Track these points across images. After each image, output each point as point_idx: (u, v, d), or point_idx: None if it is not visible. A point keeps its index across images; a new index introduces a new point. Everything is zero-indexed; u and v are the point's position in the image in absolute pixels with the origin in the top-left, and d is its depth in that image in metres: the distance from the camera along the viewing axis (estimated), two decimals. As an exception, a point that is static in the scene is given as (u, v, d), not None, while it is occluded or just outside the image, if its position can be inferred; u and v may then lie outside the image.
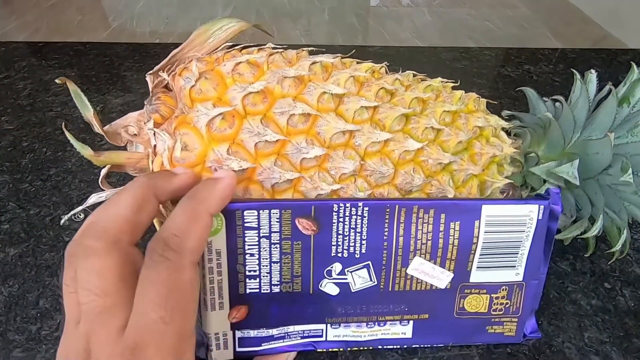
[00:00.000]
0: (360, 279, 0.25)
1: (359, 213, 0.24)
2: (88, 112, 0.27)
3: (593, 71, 0.32)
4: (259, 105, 0.25)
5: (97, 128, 0.28)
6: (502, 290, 0.27)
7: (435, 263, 0.25)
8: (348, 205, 0.24)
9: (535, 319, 0.28)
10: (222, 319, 0.25)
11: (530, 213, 0.25)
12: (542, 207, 0.25)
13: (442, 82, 0.30)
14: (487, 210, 0.25)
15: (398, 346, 0.28)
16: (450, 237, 0.25)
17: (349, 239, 0.25)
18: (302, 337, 0.27)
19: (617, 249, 0.29)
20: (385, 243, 0.25)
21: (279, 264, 0.25)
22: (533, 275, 0.27)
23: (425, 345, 0.28)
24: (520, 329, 0.28)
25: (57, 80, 0.25)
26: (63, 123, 0.31)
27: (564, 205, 0.31)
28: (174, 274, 0.19)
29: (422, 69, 0.33)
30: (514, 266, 0.26)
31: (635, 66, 0.30)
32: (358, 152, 0.25)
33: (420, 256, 0.25)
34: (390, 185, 0.26)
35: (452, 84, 0.31)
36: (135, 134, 0.28)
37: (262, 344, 0.26)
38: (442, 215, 0.25)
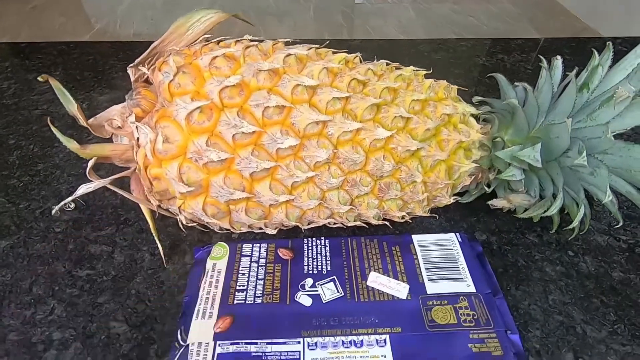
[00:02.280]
0: (329, 291, 0.29)
1: (323, 244, 0.33)
2: (72, 106, 0.28)
3: (559, 57, 0.33)
4: (236, 98, 0.26)
5: (82, 121, 0.29)
6: (462, 300, 0.29)
7: (389, 276, 0.30)
8: (314, 239, 0.33)
9: (522, 344, 0.28)
10: (207, 328, 0.27)
11: (450, 238, 0.33)
12: (457, 234, 0.33)
13: (413, 70, 0.32)
14: (417, 238, 0.33)
15: None
16: (394, 255, 0.32)
17: (317, 260, 0.31)
18: None
19: (576, 224, 0.31)
20: (345, 263, 0.31)
21: (263, 280, 0.30)
22: (485, 288, 0.30)
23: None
24: (507, 348, 0.27)
25: (39, 78, 0.26)
26: (49, 118, 0.32)
27: (529, 186, 0.33)
28: None
29: (401, 61, 0.34)
30: (462, 278, 0.30)
31: (596, 53, 0.31)
32: (331, 141, 0.27)
33: (374, 271, 0.30)
34: (363, 172, 0.28)
35: (425, 72, 0.32)
36: (119, 127, 0.29)
37: None
38: (384, 243, 0.33)
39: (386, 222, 0.33)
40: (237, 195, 0.26)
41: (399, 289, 0.29)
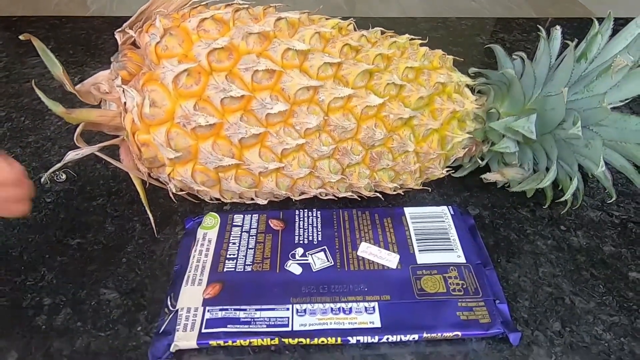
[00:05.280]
0: (319, 260, 0.30)
1: (314, 215, 0.33)
2: (57, 70, 0.27)
3: (558, 27, 0.33)
4: (224, 62, 0.25)
5: (68, 87, 0.28)
6: (452, 270, 0.29)
7: (380, 247, 0.30)
8: (306, 211, 0.33)
9: (509, 313, 0.28)
10: (196, 295, 0.27)
11: (442, 211, 0.33)
12: (450, 207, 0.33)
13: (409, 39, 0.31)
14: (409, 210, 0.33)
15: (369, 338, 0.26)
16: (385, 227, 0.32)
17: (308, 231, 0.32)
18: (268, 326, 0.26)
19: (568, 197, 0.31)
20: (336, 234, 0.31)
21: (253, 249, 0.31)
22: (475, 259, 0.30)
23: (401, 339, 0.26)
24: (494, 316, 0.27)
25: (21, 37, 0.25)
26: (33, 81, 0.31)
27: (523, 160, 0.33)
28: None
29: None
30: (452, 249, 0.30)
31: (596, 21, 0.31)
32: (322, 107, 0.26)
33: (365, 242, 0.31)
34: (354, 140, 0.28)
35: (420, 42, 0.32)
36: (106, 92, 0.29)
37: (228, 326, 0.26)
38: (376, 215, 0.33)
39: (378, 194, 0.33)
40: (226, 161, 0.26)
41: (389, 259, 0.30)
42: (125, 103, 0.26)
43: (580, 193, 0.34)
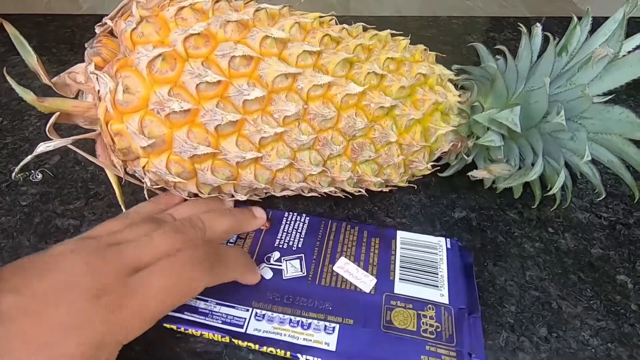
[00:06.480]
0: (292, 268, 0.29)
1: (302, 220, 0.32)
2: (31, 58, 0.27)
3: (539, 24, 0.33)
4: (201, 48, 0.25)
5: (43, 78, 0.27)
6: (429, 309, 0.27)
7: (359, 266, 0.29)
8: (295, 214, 0.32)
9: None
10: None
11: (438, 242, 0.31)
12: (448, 240, 0.31)
13: (390, 33, 0.31)
14: (402, 234, 0.31)
15: None
16: (371, 246, 0.30)
17: (291, 235, 0.31)
18: (223, 323, 0.26)
19: (556, 191, 0.31)
20: (318, 243, 0.30)
21: (233, 244, 0.31)
22: (460, 302, 0.27)
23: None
24: None
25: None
26: (5, 69, 0.30)
27: (509, 155, 0.32)
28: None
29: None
30: (437, 286, 0.28)
31: (575, 16, 0.31)
32: (301, 95, 0.26)
33: (345, 257, 0.29)
34: (334, 130, 0.27)
35: (402, 38, 0.32)
36: (82, 83, 0.28)
37: (185, 313, 0.26)
38: (365, 232, 0.31)
39: (362, 192, 0.32)
40: (201, 149, 0.25)
41: (365, 282, 0.28)
42: (98, 91, 0.26)
43: (568, 192, 0.33)
